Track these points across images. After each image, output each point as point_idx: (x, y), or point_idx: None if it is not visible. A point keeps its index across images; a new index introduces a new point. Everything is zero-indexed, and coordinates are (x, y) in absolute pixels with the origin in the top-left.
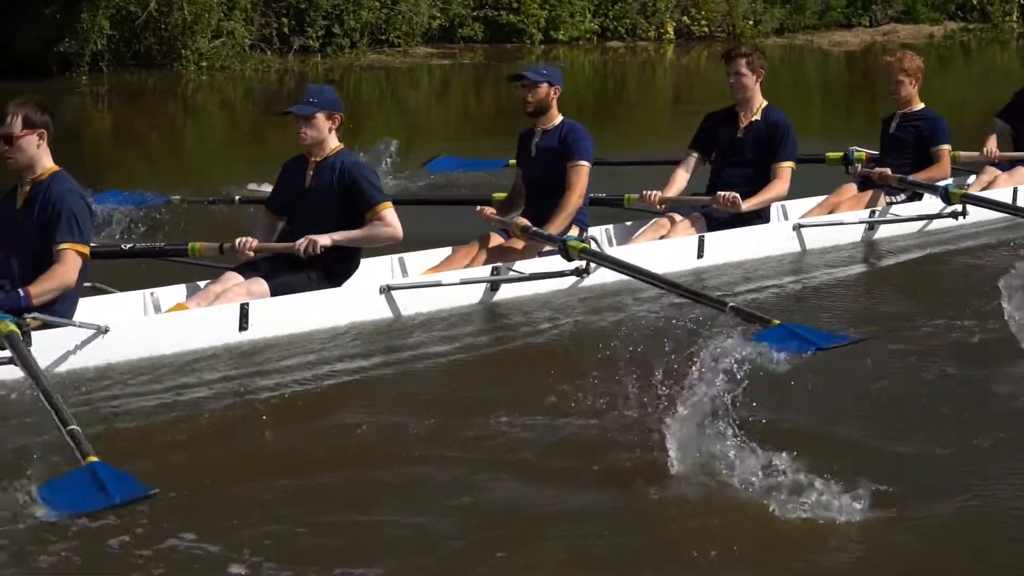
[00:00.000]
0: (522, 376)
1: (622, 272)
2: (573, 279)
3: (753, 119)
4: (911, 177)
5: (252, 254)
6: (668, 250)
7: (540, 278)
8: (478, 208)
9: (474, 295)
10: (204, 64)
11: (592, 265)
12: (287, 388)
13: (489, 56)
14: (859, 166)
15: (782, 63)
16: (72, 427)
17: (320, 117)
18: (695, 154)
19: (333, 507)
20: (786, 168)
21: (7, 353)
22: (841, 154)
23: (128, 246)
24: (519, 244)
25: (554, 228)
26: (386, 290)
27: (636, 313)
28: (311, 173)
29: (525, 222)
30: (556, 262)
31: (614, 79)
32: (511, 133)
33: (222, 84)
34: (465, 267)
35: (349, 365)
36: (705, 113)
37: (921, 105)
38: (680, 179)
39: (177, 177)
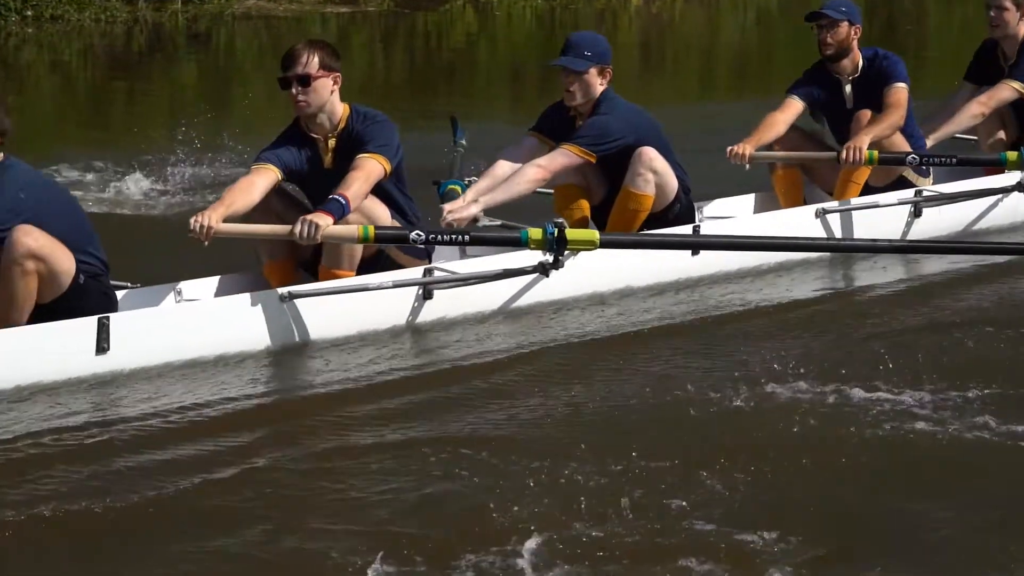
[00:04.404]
0: None
1: None
2: (996, 198)
3: (1010, 63)
4: None
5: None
6: None
7: (968, 198)
8: (730, 149)
9: (900, 217)
10: (30, 13)
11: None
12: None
13: (401, 3)
14: None
15: (782, 13)
16: None
17: (593, 72)
18: (970, 85)
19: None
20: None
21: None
22: None
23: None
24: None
25: (868, 138)
26: (822, 213)
27: None
28: None
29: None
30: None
31: (563, 33)
32: (426, 103)
33: (54, 39)
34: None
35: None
36: (682, 82)
37: None
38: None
39: None
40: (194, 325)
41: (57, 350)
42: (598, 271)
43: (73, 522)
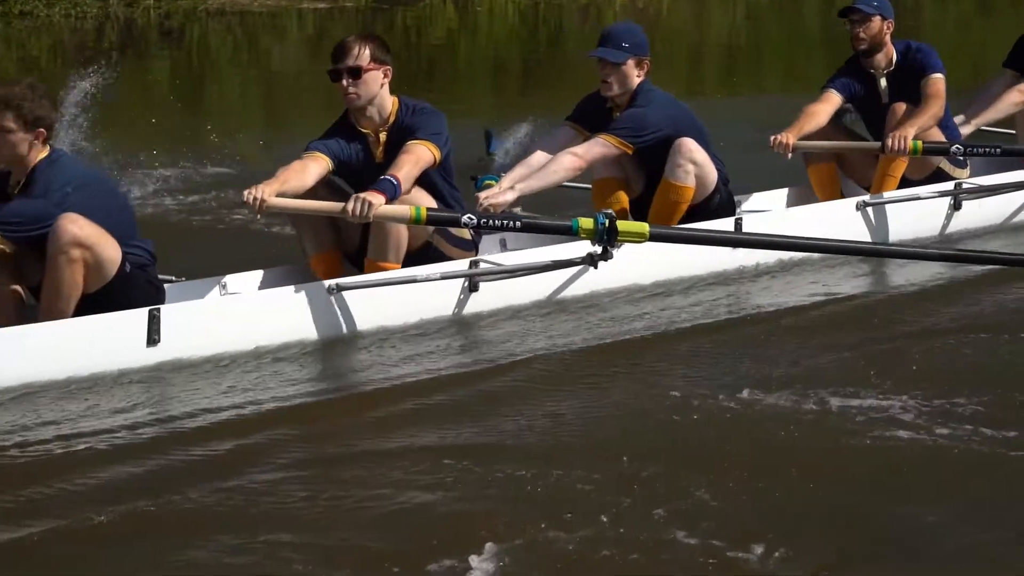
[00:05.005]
0: None
1: None
2: None
3: None
4: None
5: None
6: None
7: (1009, 190)
8: (774, 138)
9: (940, 210)
10: None
11: None
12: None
13: None
14: None
15: (771, 9)
16: None
17: (631, 64)
18: (1010, 72)
19: None
20: None
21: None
22: None
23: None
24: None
25: (913, 129)
26: (862, 206)
27: None
28: None
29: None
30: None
31: (547, 28)
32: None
33: (23, 35)
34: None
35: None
36: (669, 78)
37: None
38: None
39: None
40: (245, 317)
41: (108, 342)
42: (641, 263)
43: (113, 519)
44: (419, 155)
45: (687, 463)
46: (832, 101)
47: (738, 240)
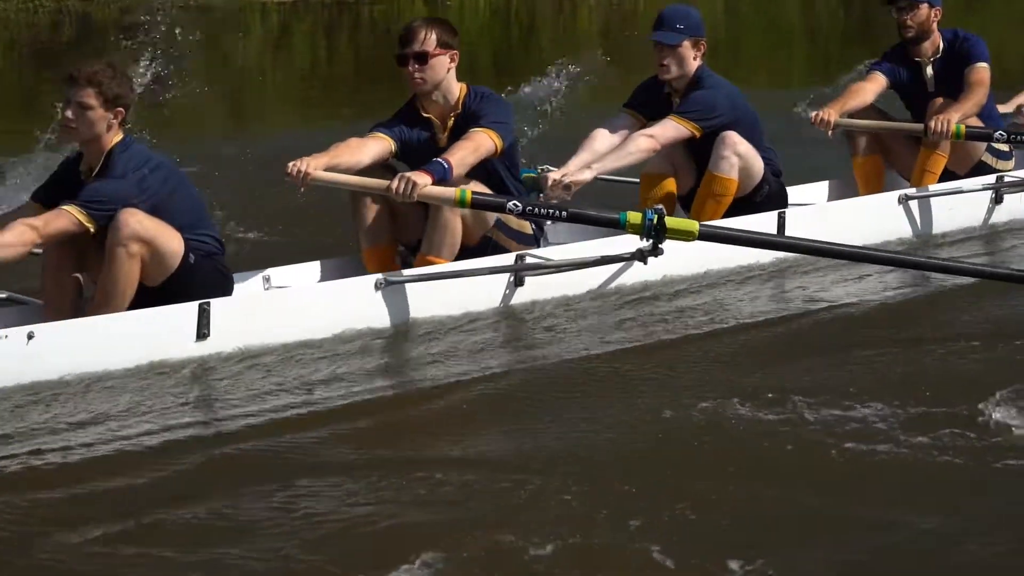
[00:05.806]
0: None
1: None
2: None
3: None
4: None
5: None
6: None
7: None
8: (815, 114)
9: (982, 203)
10: None
11: None
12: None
13: None
14: None
15: (750, 1)
16: None
17: (687, 45)
18: None
19: None
20: None
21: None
22: None
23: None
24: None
25: (957, 114)
26: (904, 199)
27: None
28: None
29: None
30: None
31: (519, 23)
32: (378, 101)
33: None
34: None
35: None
36: (647, 75)
37: None
38: None
39: None
40: (296, 312)
41: (158, 336)
42: (681, 259)
43: (114, 524)
44: (479, 142)
45: (668, 475)
46: (878, 82)
47: (790, 244)
